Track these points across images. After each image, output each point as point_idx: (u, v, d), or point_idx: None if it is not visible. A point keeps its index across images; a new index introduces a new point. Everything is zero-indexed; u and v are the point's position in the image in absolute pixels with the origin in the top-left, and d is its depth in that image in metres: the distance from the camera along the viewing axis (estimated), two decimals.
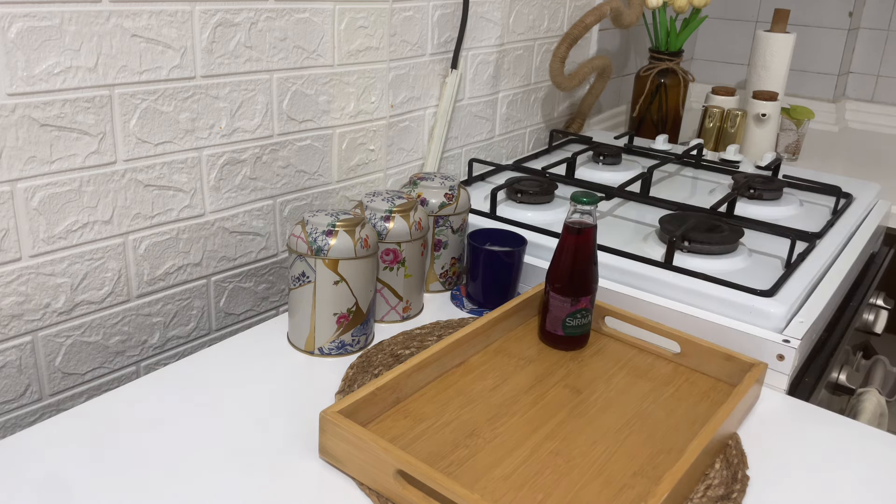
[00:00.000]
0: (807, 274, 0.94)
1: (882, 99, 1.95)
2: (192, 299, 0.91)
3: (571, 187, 1.21)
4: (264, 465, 0.66)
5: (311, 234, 0.80)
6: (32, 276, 0.75)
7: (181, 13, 0.80)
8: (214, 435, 0.69)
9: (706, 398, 0.78)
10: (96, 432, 0.69)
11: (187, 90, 0.83)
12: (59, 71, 0.72)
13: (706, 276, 0.90)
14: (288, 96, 0.94)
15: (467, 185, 1.22)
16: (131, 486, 0.63)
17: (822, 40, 1.92)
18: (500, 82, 1.32)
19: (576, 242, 0.81)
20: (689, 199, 1.20)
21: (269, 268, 0.99)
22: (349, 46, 1.00)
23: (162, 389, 0.76)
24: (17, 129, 0.70)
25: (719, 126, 1.59)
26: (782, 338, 0.82)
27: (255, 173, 0.93)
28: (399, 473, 0.61)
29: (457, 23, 1.17)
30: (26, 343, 0.77)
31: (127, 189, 0.81)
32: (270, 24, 0.89)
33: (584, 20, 1.33)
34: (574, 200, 0.80)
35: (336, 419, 0.65)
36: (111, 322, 0.84)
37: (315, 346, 0.83)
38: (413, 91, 1.13)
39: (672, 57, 1.60)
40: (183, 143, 0.85)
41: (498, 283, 0.94)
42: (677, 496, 0.62)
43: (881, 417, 1.05)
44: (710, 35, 2.10)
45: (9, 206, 0.72)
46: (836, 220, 1.13)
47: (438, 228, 0.96)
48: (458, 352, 0.80)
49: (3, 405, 0.77)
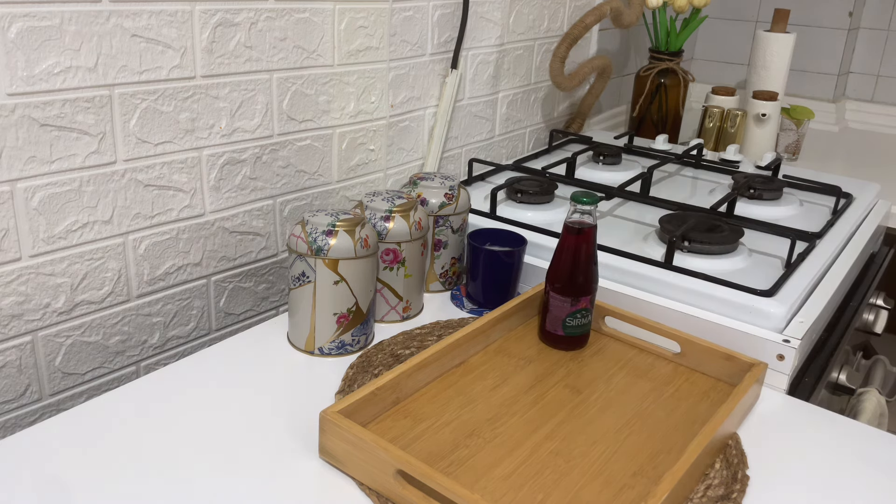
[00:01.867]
0: (807, 274, 0.94)
1: (882, 99, 1.95)
2: (192, 299, 0.91)
3: (571, 187, 1.21)
4: (264, 465, 0.66)
5: (311, 234, 0.80)
6: (32, 275, 0.75)
7: (181, 13, 0.80)
8: (214, 435, 0.69)
9: (706, 398, 0.78)
10: (96, 432, 0.69)
11: (187, 90, 0.83)
12: (59, 71, 0.72)
13: (706, 276, 0.90)
14: (288, 96, 0.94)
15: (467, 185, 1.22)
16: (131, 486, 0.63)
17: (822, 40, 1.92)
18: (500, 82, 1.32)
19: (576, 242, 0.81)
20: (689, 199, 1.20)
21: (269, 268, 0.99)
22: (349, 46, 1.00)
23: (162, 389, 0.76)
24: (17, 129, 0.70)
25: (719, 126, 1.59)
26: (782, 338, 0.82)
27: (255, 173, 0.93)
28: (399, 473, 0.61)
29: (457, 23, 1.17)
30: (26, 343, 0.77)
31: (127, 189, 0.81)
32: (270, 24, 0.89)
33: (584, 20, 1.33)
34: (574, 200, 0.80)
35: (336, 419, 0.65)
36: (111, 322, 0.84)
37: (315, 346, 0.83)
38: (413, 91, 1.13)
39: (672, 57, 1.60)
40: (183, 143, 0.85)
41: (498, 283, 0.94)
42: (677, 496, 0.62)
43: (881, 417, 1.05)
44: (710, 35, 2.10)
45: (9, 206, 0.72)
46: (836, 220, 1.13)
47: (438, 228, 0.96)
48: (458, 352, 0.80)
49: (3, 405, 0.77)
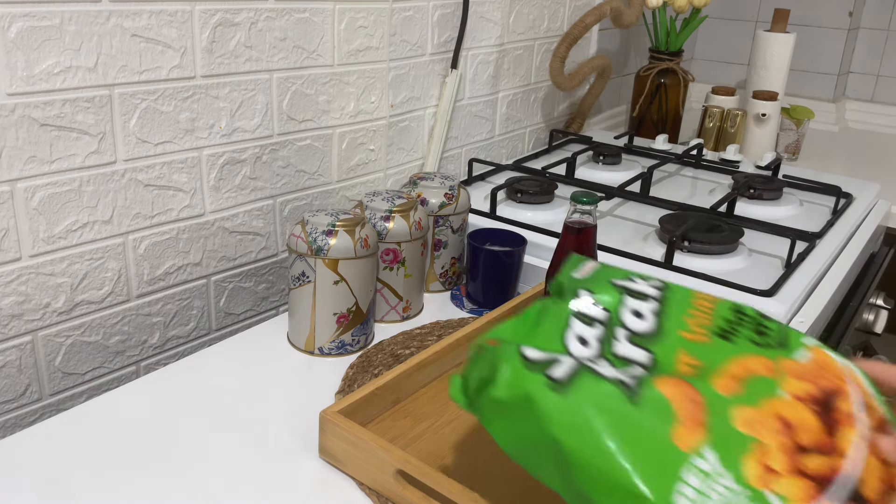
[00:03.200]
0: (807, 274, 0.94)
1: (882, 99, 1.95)
2: (191, 299, 0.91)
3: (571, 187, 1.21)
4: (264, 465, 0.66)
5: (311, 234, 0.80)
6: (32, 275, 0.75)
7: (181, 13, 0.80)
8: (214, 435, 0.69)
9: None
10: (96, 432, 0.69)
11: (187, 90, 0.83)
12: (59, 71, 0.72)
13: (706, 276, 0.90)
14: (288, 96, 0.94)
15: (467, 185, 1.22)
16: (131, 486, 0.63)
17: (822, 40, 1.92)
18: (500, 82, 1.32)
19: (576, 242, 0.81)
20: (689, 198, 1.20)
21: (269, 268, 0.99)
22: (349, 46, 1.00)
23: (162, 389, 0.76)
24: (16, 129, 0.70)
25: (719, 126, 1.59)
26: None
27: (255, 173, 0.93)
28: (399, 473, 0.61)
29: (457, 23, 1.17)
30: (26, 343, 0.77)
31: (127, 189, 0.81)
32: (270, 24, 0.89)
33: (584, 20, 1.33)
34: (574, 200, 0.80)
35: (336, 419, 0.65)
36: (111, 322, 0.84)
37: (315, 346, 0.83)
38: (413, 91, 1.13)
39: (672, 57, 1.60)
40: (183, 143, 0.85)
41: (498, 283, 0.94)
42: None
43: None
44: (710, 35, 2.10)
45: (9, 206, 0.72)
46: (836, 220, 1.13)
47: (438, 228, 0.96)
48: (458, 352, 0.80)
49: (3, 405, 0.77)
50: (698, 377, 0.45)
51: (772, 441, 0.42)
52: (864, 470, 0.41)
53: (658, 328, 0.49)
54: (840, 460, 0.41)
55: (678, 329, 0.49)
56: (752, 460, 0.41)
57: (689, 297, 0.51)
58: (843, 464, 0.41)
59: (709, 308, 0.50)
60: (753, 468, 0.41)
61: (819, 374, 0.45)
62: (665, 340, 0.48)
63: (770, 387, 0.44)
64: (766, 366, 0.46)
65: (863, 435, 0.42)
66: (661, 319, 0.50)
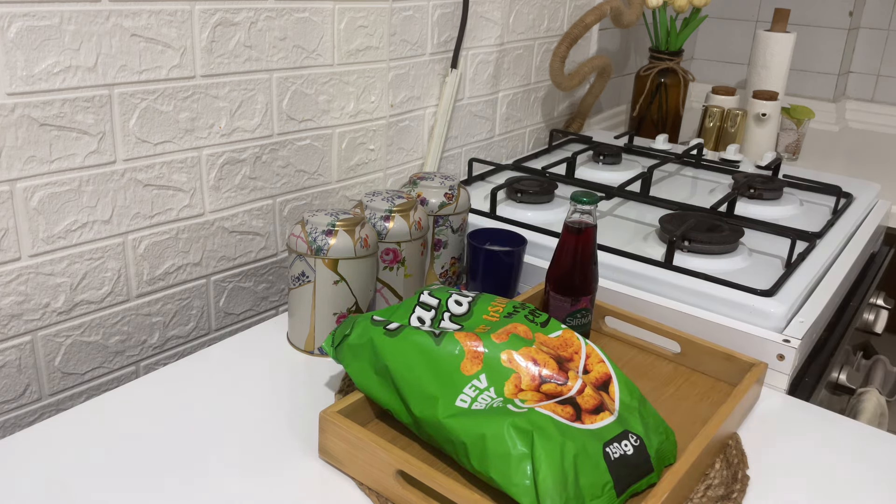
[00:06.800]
0: (807, 274, 0.94)
1: (882, 99, 1.95)
2: (191, 299, 0.91)
3: (571, 187, 1.21)
4: (264, 465, 0.66)
5: (310, 234, 0.79)
6: (32, 275, 0.75)
7: (181, 13, 0.80)
8: (214, 435, 0.69)
9: (706, 398, 0.78)
10: (96, 432, 0.69)
11: (187, 90, 0.83)
12: (59, 70, 0.72)
13: (706, 276, 0.90)
14: (288, 96, 0.94)
15: (467, 185, 1.22)
16: (131, 486, 0.62)
17: (822, 40, 1.92)
18: (499, 82, 1.32)
19: (576, 242, 0.81)
20: (689, 198, 1.20)
21: (268, 267, 0.99)
22: (349, 46, 1.00)
23: (162, 389, 0.76)
24: (16, 129, 0.70)
25: (719, 126, 1.59)
26: (782, 337, 0.82)
27: (254, 173, 0.93)
28: (399, 473, 0.61)
29: (457, 22, 1.17)
30: (26, 343, 0.77)
31: (126, 189, 0.81)
32: (270, 24, 0.89)
33: (584, 20, 1.33)
34: (574, 200, 0.80)
35: (336, 419, 0.65)
36: (111, 322, 0.84)
37: (315, 346, 0.83)
38: (413, 91, 1.13)
39: (672, 56, 1.60)
40: (182, 143, 0.84)
41: (498, 282, 0.94)
42: (677, 496, 0.62)
43: (881, 417, 1.05)
44: (710, 35, 2.10)
45: (8, 206, 0.72)
46: (836, 220, 1.13)
47: (438, 228, 0.96)
48: None
49: (3, 405, 0.77)
50: (485, 334, 0.68)
51: (523, 373, 0.66)
52: (581, 393, 0.64)
53: (469, 311, 0.73)
54: (565, 388, 0.65)
55: (482, 313, 0.73)
56: (510, 383, 0.65)
57: (492, 299, 0.75)
58: (567, 389, 0.65)
59: (503, 303, 0.74)
60: (510, 388, 0.65)
61: (560, 346, 0.69)
62: (472, 318, 0.72)
63: (528, 343, 0.67)
64: (527, 332, 0.69)
65: (581, 378, 0.66)
66: (472, 307, 0.74)
